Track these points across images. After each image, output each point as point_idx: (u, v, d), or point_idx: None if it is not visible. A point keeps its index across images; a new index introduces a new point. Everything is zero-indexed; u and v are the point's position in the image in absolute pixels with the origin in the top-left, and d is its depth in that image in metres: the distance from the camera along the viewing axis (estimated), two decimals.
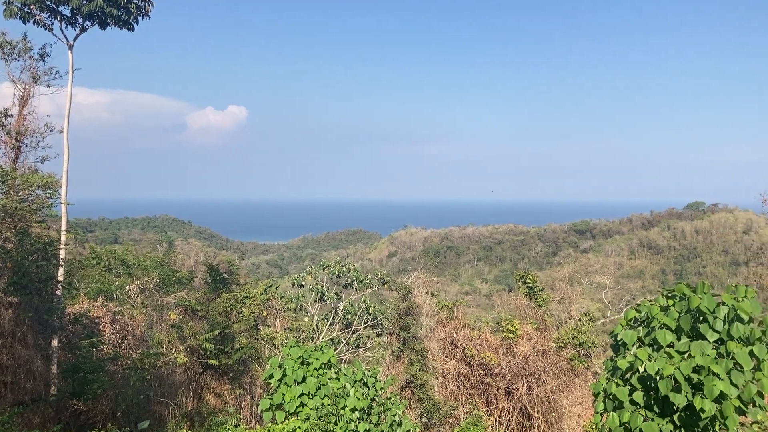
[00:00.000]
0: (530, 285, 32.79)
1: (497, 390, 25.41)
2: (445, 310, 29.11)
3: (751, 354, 8.81)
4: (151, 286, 29.11)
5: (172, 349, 22.15)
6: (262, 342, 25.85)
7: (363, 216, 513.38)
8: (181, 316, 25.66)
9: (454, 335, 26.85)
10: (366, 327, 28.67)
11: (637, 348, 9.31)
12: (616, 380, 9.41)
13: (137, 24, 22.74)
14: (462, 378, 26.00)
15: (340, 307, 28.74)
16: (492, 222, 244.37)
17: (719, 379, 8.58)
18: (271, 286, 29.47)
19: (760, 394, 8.87)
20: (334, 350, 26.29)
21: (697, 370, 8.68)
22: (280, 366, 13.40)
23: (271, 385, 13.39)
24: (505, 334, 27.17)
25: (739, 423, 9.46)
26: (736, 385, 8.64)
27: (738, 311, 8.99)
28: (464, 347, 26.25)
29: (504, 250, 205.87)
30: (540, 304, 32.34)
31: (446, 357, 26.81)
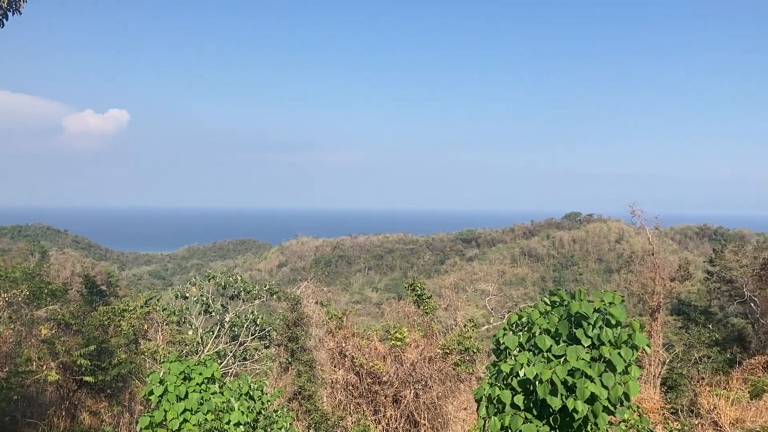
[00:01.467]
0: (418, 293, 33.41)
1: (385, 398, 25.65)
2: (334, 319, 29.09)
3: (621, 356, 9.40)
4: (20, 299, 27.22)
5: (42, 366, 20.81)
6: (143, 357, 24.78)
7: (253, 225, 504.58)
8: (53, 331, 24.16)
9: (343, 345, 26.89)
10: (253, 339, 28.11)
11: (518, 352, 9.69)
12: (498, 384, 9.75)
13: (6, 20, 21.32)
14: (350, 387, 26.05)
15: (227, 319, 28.01)
16: (383, 231, 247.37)
17: (591, 381, 9.09)
18: (152, 298, 28.32)
19: (627, 395, 9.48)
20: (220, 363, 25.63)
21: (571, 373, 9.15)
22: (161, 382, 12.89)
23: (152, 402, 12.87)
24: (393, 341, 27.51)
25: (609, 422, 10.06)
26: (606, 387, 9.18)
27: (608, 316, 9.58)
28: (353, 356, 26.34)
29: (394, 258, 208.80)
30: (427, 311, 33.01)
31: (335, 367, 26.79)
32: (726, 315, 50.60)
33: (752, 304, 45.56)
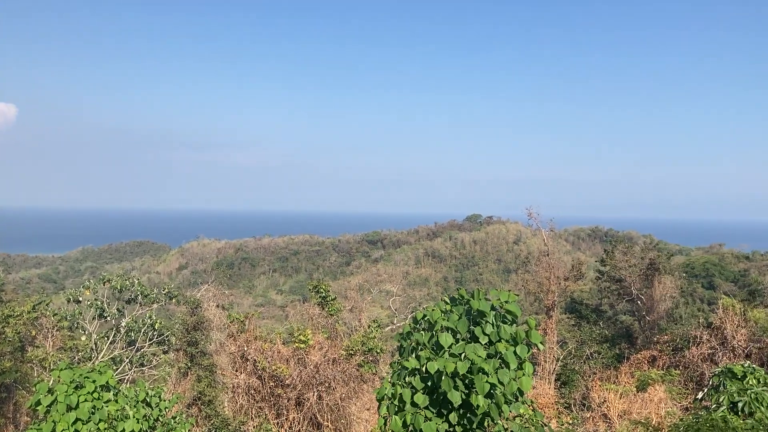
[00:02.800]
0: (323, 295, 33.33)
1: (288, 401, 25.42)
2: (236, 323, 28.56)
3: (516, 353, 9.75)
4: None
5: None
6: (30, 365, 23.42)
7: (152, 226, 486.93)
8: None
9: (246, 348, 26.43)
10: (151, 344, 27.17)
11: (421, 350, 9.86)
12: (400, 383, 9.89)
13: None
14: (253, 391, 25.65)
15: (123, 324, 26.94)
16: (288, 232, 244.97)
17: (488, 377, 9.38)
18: (41, 303, 26.82)
19: (521, 391, 9.83)
20: (115, 370, 24.61)
21: (471, 369, 9.41)
22: (50, 391, 12.23)
23: (39, 413, 12.19)
24: (297, 344, 27.31)
25: (504, 417, 10.40)
26: (502, 383, 9.50)
27: (506, 314, 9.93)
28: (255, 360, 25.94)
29: (300, 260, 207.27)
30: (332, 313, 32.99)
31: (237, 371, 26.29)
32: (615, 312, 53.44)
33: (639, 302, 48.36)
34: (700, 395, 15.74)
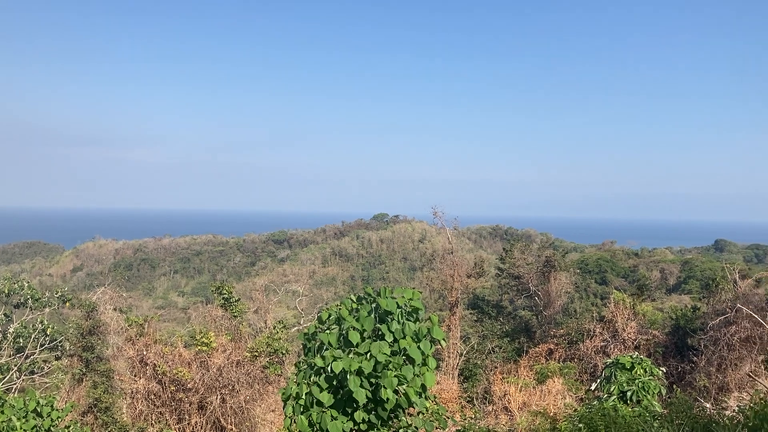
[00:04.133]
0: (226, 296, 32.69)
1: (190, 405, 24.76)
2: (135, 326, 27.53)
3: (419, 349, 9.92)
4: None
5: None
6: None
7: (44, 226, 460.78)
8: None
9: (145, 352, 25.52)
10: (43, 350, 25.78)
11: (326, 350, 9.87)
12: (306, 382, 9.86)
13: None
14: (153, 396, 24.81)
15: (11, 330, 25.40)
16: (190, 232, 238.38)
17: (394, 373, 9.51)
18: None
19: (425, 387, 10.02)
20: (1, 379, 23.18)
21: (376, 367, 9.51)
22: None
23: None
24: (199, 347, 26.65)
25: (408, 413, 10.57)
26: (406, 379, 9.65)
27: (410, 312, 10.09)
28: (155, 364, 25.10)
29: (202, 261, 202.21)
30: (236, 314, 32.40)
31: (135, 376, 25.35)
32: (515, 308, 55.41)
33: (536, 298, 50.33)
34: (593, 386, 16.56)
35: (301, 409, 9.70)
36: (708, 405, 14.77)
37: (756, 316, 28.23)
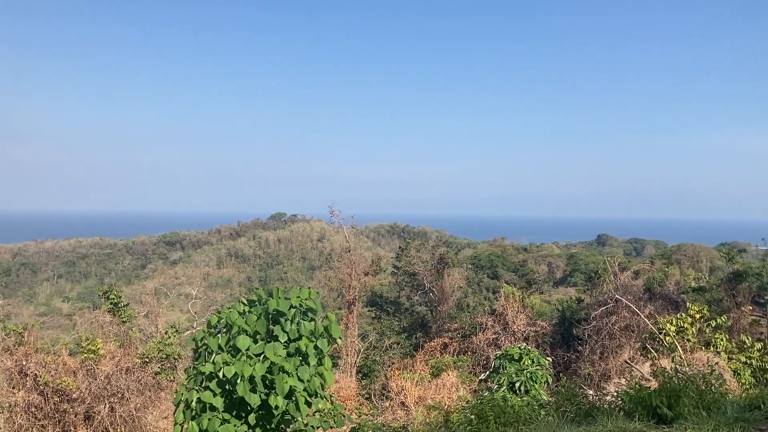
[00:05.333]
0: (114, 301, 31.36)
1: (75, 416, 23.50)
2: (13, 335, 25.81)
3: (317, 348, 9.92)
4: None
5: None
6: None
7: None
8: None
9: (24, 363, 23.98)
10: None
11: (217, 354, 9.67)
12: (196, 387, 9.62)
13: None
14: (34, 409, 23.34)
15: None
16: (75, 235, 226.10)
17: (289, 376, 9.45)
18: None
19: (322, 386, 10.03)
20: None
21: (270, 370, 9.41)
22: None
23: None
24: (85, 354, 25.38)
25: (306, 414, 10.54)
26: (303, 380, 9.61)
27: (306, 311, 10.07)
28: (36, 375, 23.65)
29: (89, 264, 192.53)
30: (125, 319, 31.15)
31: (14, 388, 23.77)
32: (412, 304, 56.35)
33: (431, 294, 51.47)
34: (483, 377, 17.14)
35: (192, 415, 9.48)
36: (591, 392, 15.60)
37: (633, 306, 30.11)
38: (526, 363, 16.11)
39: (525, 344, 18.48)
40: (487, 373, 16.92)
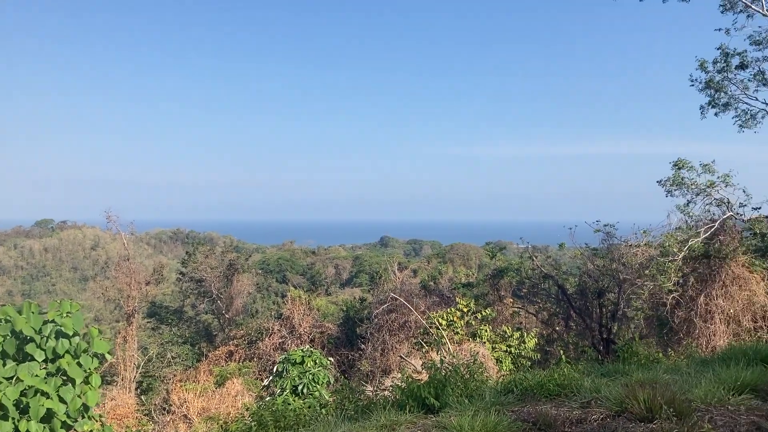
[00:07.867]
0: None
1: None
2: None
3: (81, 365, 9.24)
4: None
5: None
6: None
7: None
8: None
9: None
10: None
11: None
12: None
13: None
14: None
15: None
16: None
17: (48, 398, 8.70)
18: None
19: (87, 406, 9.38)
20: None
21: (25, 393, 8.61)
22: None
23: None
24: None
25: None
26: (65, 401, 8.91)
27: (62, 327, 9.31)
28: None
29: None
30: None
31: None
32: (197, 313, 54.61)
33: (219, 302, 50.31)
34: (266, 382, 17.16)
35: None
36: (370, 388, 16.30)
37: (407, 304, 31.94)
38: (309, 365, 16.41)
39: (309, 346, 18.80)
40: (270, 378, 16.95)
